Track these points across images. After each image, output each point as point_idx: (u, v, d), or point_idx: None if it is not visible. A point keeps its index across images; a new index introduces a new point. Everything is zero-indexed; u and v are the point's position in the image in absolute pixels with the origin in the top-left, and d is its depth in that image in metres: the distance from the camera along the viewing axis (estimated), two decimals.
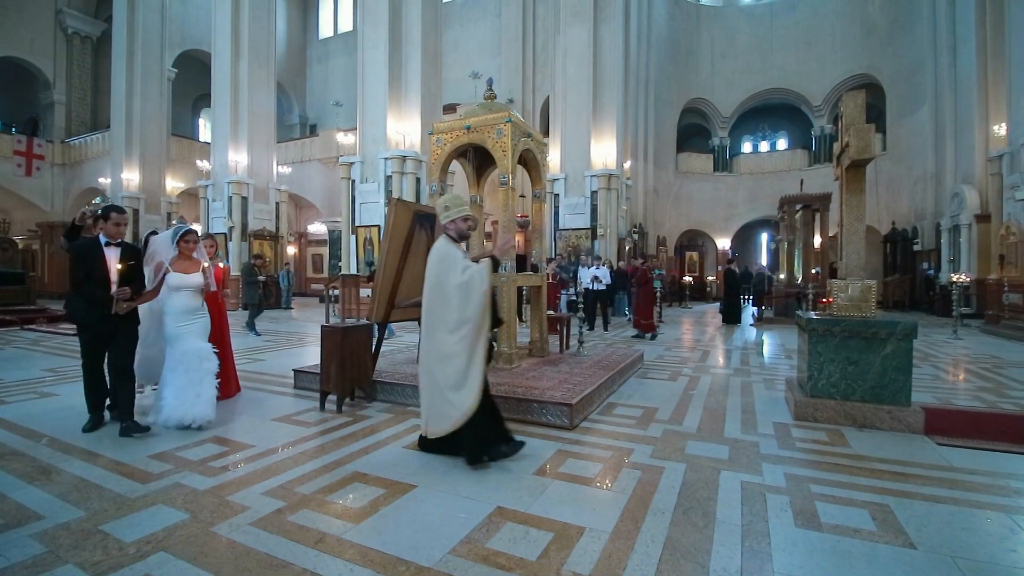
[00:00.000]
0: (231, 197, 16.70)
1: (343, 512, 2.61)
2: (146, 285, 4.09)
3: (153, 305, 4.28)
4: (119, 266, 3.84)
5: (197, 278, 4.20)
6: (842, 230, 4.56)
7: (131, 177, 19.92)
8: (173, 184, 21.57)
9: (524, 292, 9.21)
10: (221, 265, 5.81)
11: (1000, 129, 12.88)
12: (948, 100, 15.44)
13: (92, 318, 3.82)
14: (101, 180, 21.08)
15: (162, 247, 4.20)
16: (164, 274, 4.08)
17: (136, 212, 19.91)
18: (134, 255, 4.00)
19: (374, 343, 5.05)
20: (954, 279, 11.02)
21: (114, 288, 3.79)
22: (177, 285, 4.12)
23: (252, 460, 3.31)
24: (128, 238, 4.13)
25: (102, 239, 3.90)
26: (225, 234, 16.76)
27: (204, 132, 27.45)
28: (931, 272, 15.78)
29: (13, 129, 22.92)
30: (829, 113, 21.77)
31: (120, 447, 3.57)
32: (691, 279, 21.09)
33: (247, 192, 16.97)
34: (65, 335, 9.46)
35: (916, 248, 17.30)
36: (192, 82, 24.61)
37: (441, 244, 3.65)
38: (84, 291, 3.80)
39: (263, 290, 10.90)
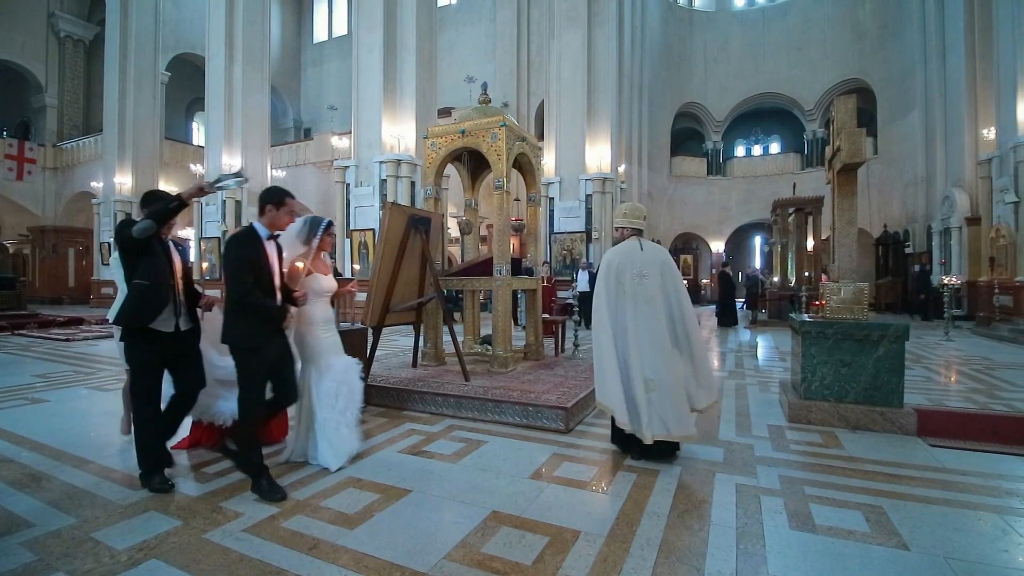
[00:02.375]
0: (225, 201, 16.61)
1: (337, 518, 2.60)
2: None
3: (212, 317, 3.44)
4: (286, 268, 3.18)
5: (332, 281, 3.55)
6: (834, 233, 4.59)
7: (124, 181, 19.79)
8: (166, 188, 21.44)
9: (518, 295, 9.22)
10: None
11: (989, 133, 13.02)
12: (938, 104, 15.62)
13: (262, 336, 2.95)
14: (93, 184, 20.92)
15: (293, 243, 3.37)
16: (306, 277, 3.35)
17: (129, 216, 19.77)
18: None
19: (369, 347, 5.03)
20: (945, 281, 11.11)
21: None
22: (321, 290, 3.41)
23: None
24: None
25: (262, 231, 3.01)
26: (219, 238, 16.69)
27: (198, 136, 27.35)
28: (927, 268, 15.90)
29: (4, 133, 22.72)
30: (821, 117, 21.96)
31: (112, 454, 3.54)
32: (686, 282, 21.12)
33: (241, 196, 16.89)
34: (55, 340, 9.38)
35: (908, 251, 17.45)
36: (186, 86, 24.51)
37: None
38: (253, 301, 2.87)
39: None
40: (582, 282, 11.59)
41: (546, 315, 7.61)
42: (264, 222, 3.03)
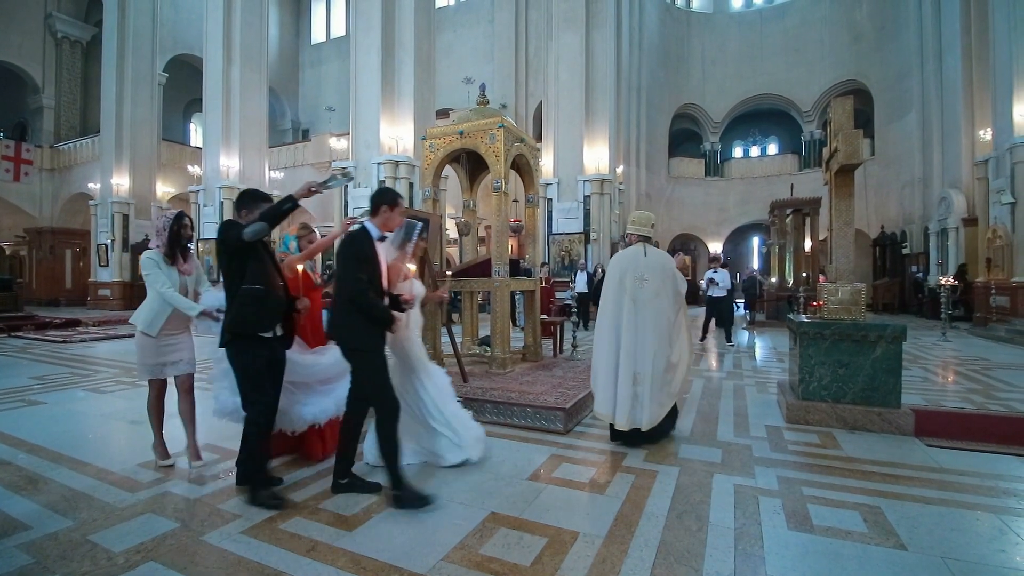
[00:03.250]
0: (223, 202, 16.59)
1: (335, 519, 2.59)
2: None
3: None
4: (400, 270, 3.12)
5: (422, 286, 3.47)
6: (832, 234, 4.60)
7: (121, 182, 19.74)
8: (164, 189, 21.40)
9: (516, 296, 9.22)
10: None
11: (986, 134, 13.07)
12: (935, 106, 15.68)
13: (379, 336, 2.88)
14: (91, 185, 20.87)
15: (387, 247, 3.17)
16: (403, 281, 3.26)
17: (126, 217, 19.74)
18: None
19: None
20: (942, 282, 11.15)
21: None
22: (418, 295, 3.31)
23: None
24: (119, 243, 3.91)
25: (374, 232, 2.92)
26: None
27: (195, 137, 27.31)
28: (920, 275, 15.96)
29: (1, 134, 22.65)
30: (818, 119, 22.02)
31: (109, 456, 3.53)
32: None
33: None
34: (52, 342, 9.35)
35: (905, 251, 17.50)
36: (183, 87, 24.48)
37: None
38: (366, 301, 2.78)
39: None
40: (580, 283, 11.60)
41: (544, 316, 7.62)
42: (377, 223, 2.95)
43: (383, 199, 2.99)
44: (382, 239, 2.96)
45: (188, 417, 3.41)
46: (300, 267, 3.46)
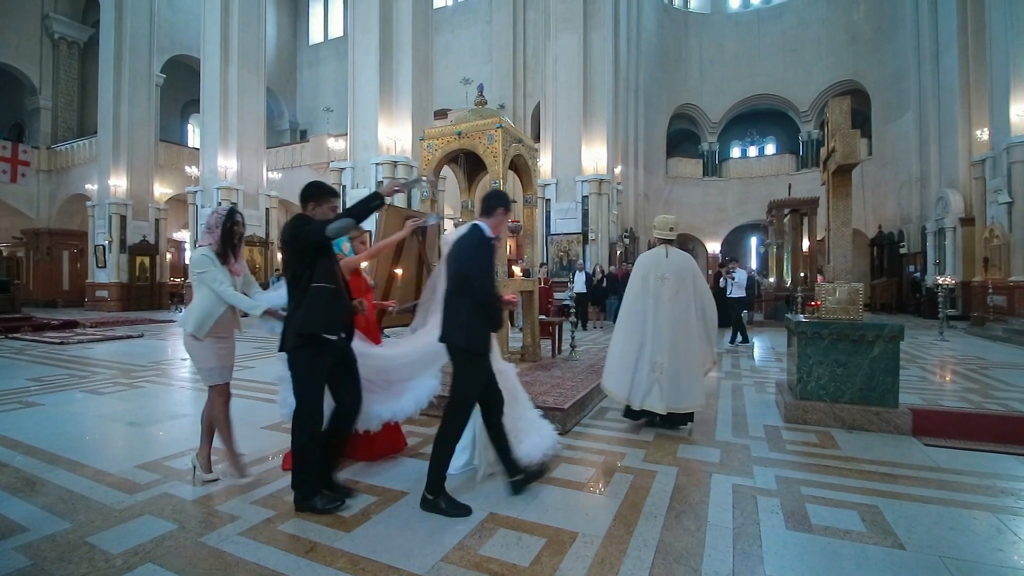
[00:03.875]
0: (221, 203, 16.57)
1: (334, 520, 2.59)
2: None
3: None
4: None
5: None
6: (829, 234, 4.61)
7: (118, 183, 19.70)
8: (161, 190, 21.36)
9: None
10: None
11: (983, 134, 13.11)
12: (932, 106, 15.71)
13: (490, 342, 2.88)
14: (88, 186, 20.83)
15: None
16: None
17: (123, 219, 19.70)
18: None
19: None
20: (940, 282, 11.17)
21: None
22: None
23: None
24: (116, 244, 3.85)
25: (488, 233, 2.88)
26: None
27: (193, 138, 27.26)
28: (917, 275, 16.00)
29: None
30: (816, 119, 22.05)
31: (107, 458, 3.52)
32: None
33: (237, 198, 16.85)
34: (50, 343, 9.32)
35: (902, 251, 17.54)
36: (181, 88, 24.43)
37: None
38: (495, 304, 2.80)
39: None
40: (579, 283, 11.60)
41: (543, 316, 7.62)
42: (490, 224, 2.91)
43: (500, 202, 2.97)
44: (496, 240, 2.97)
45: (228, 428, 3.19)
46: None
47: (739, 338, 9.26)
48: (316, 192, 2.79)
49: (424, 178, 2.98)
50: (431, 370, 3.29)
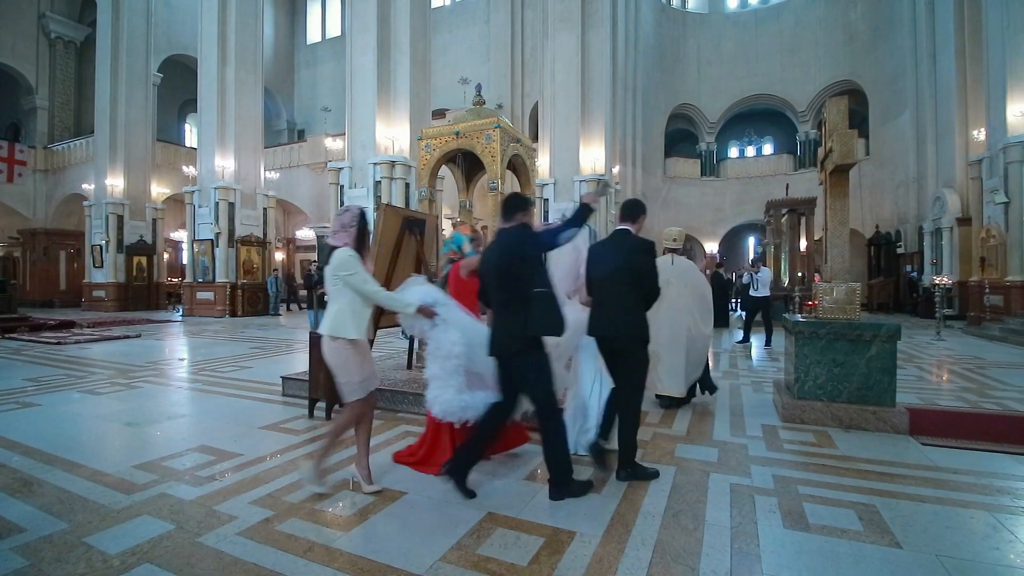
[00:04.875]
0: (218, 203, 16.52)
1: (332, 520, 2.59)
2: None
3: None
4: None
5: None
6: (827, 233, 4.62)
7: (115, 183, 19.64)
8: (158, 190, 21.30)
9: None
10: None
11: (979, 134, 13.15)
12: (929, 106, 15.77)
13: None
14: (85, 186, 20.75)
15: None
16: None
17: (120, 219, 19.65)
18: None
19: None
20: (937, 281, 11.20)
21: None
22: None
23: (239, 469, 3.28)
24: (113, 244, 3.84)
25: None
26: (212, 240, 16.60)
27: (190, 137, 27.20)
28: (914, 275, 16.05)
29: None
30: (813, 118, 22.10)
31: (104, 458, 3.51)
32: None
33: (234, 198, 16.81)
34: (46, 344, 9.30)
35: (899, 251, 17.59)
36: (178, 87, 24.36)
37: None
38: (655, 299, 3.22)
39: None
40: None
41: None
42: (635, 229, 3.26)
43: (641, 210, 3.32)
44: None
45: (368, 437, 3.05)
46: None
47: (760, 339, 9.37)
48: (524, 203, 3.00)
49: (606, 180, 3.27)
50: (560, 364, 3.54)
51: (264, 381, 6.07)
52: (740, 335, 9.69)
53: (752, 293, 9.53)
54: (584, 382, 3.67)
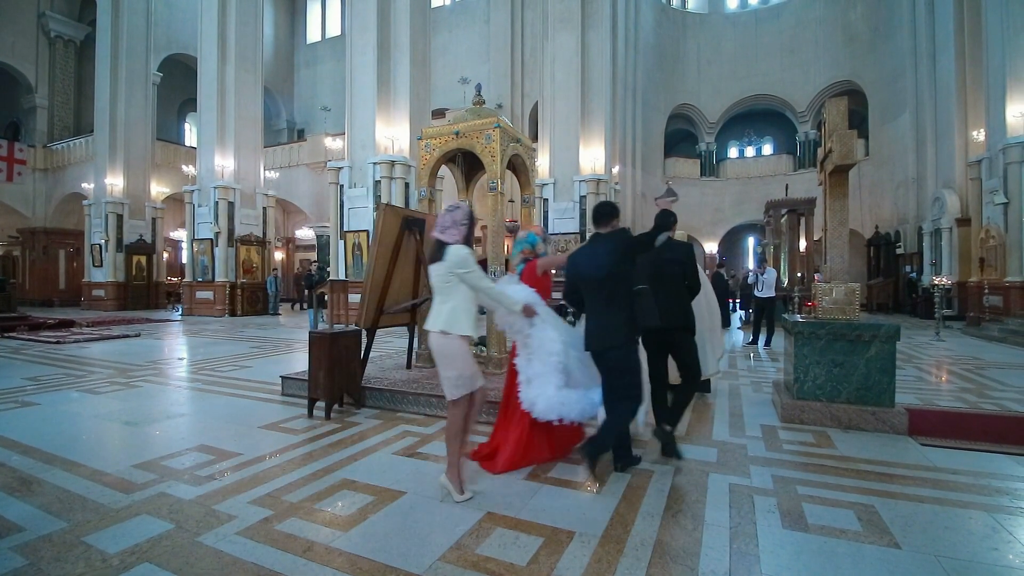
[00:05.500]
0: (217, 202, 16.52)
1: (332, 520, 2.59)
2: None
3: None
4: None
5: None
6: (826, 234, 4.62)
7: (115, 182, 19.63)
8: (158, 189, 21.29)
9: None
10: None
11: (979, 135, 13.16)
12: (928, 106, 15.77)
13: None
14: (84, 185, 20.74)
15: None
16: None
17: (120, 218, 19.64)
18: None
19: (363, 349, 5.02)
20: (936, 282, 11.21)
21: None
22: None
23: (239, 468, 3.28)
24: (112, 243, 3.87)
25: None
26: (211, 240, 16.60)
27: (190, 137, 27.17)
28: (913, 275, 16.05)
29: None
30: (813, 119, 22.10)
31: (103, 456, 3.51)
32: None
33: (234, 197, 16.81)
34: (46, 343, 9.29)
35: (899, 251, 17.59)
36: (178, 86, 24.36)
37: None
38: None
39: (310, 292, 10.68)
40: None
41: None
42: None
43: (675, 219, 3.50)
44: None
45: (467, 437, 3.02)
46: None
47: (763, 339, 9.33)
48: (616, 211, 3.30)
49: (671, 186, 3.52)
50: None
51: (263, 381, 6.07)
52: (741, 336, 9.69)
53: (757, 294, 9.53)
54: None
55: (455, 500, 2.78)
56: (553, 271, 3.90)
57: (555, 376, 3.19)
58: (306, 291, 11.21)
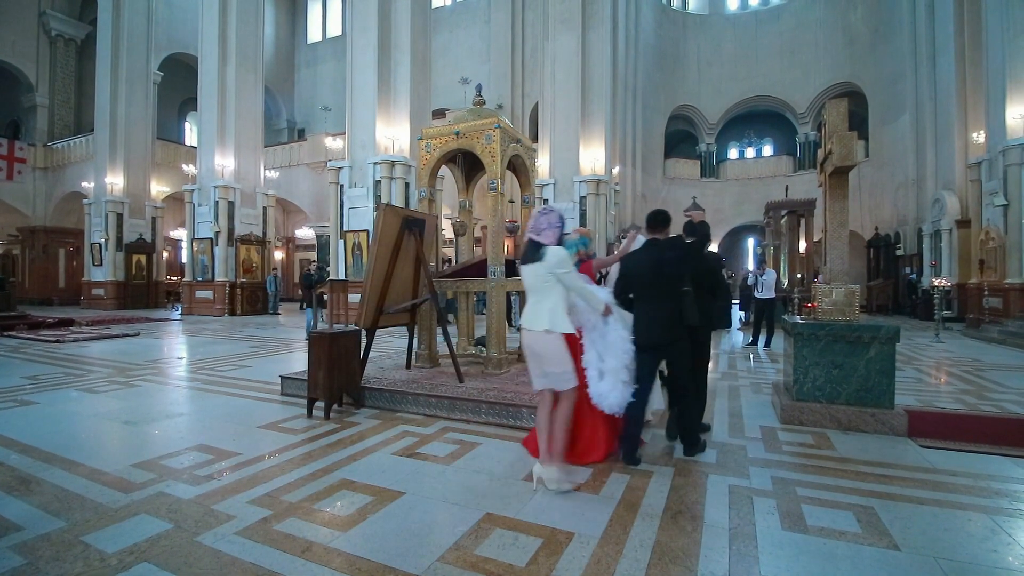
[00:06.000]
0: (217, 202, 16.53)
1: (330, 520, 2.59)
2: None
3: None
4: None
5: None
6: (826, 235, 4.62)
7: (115, 181, 19.63)
8: (158, 189, 21.30)
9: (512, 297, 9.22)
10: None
11: (979, 136, 13.17)
12: (928, 108, 15.78)
13: None
14: (84, 184, 20.75)
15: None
16: None
17: (120, 217, 19.64)
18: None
19: (362, 349, 5.02)
20: (936, 283, 11.21)
21: None
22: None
23: (238, 468, 3.27)
24: (112, 242, 3.90)
25: None
26: (211, 239, 16.59)
27: (190, 136, 27.19)
28: (913, 277, 16.06)
29: None
30: (813, 120, 22.13)
31: (101, 456, 3.51)
32: None
33: (234, 197, 16.82)
34: (45, 342, 9.29)
35: (899, 253, 17.60)
36: (178, 86, 24.36)
37: None
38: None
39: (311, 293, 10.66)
40: None
41: None
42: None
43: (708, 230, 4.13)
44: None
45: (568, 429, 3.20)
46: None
47: (762, 340, 9.31)
48: (669, 218, 3.62)
49: (697, 201, 3.84)
50: None
51: (263, 380, 6.07)
52: (741, 336, 9.68)
53: (757, 295, 9.52)
54: None
55: (560, 489, 2.89)
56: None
57: (624, 373, 3.35)
58: (304, 290, 11.19)
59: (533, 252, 3.02)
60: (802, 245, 13.93)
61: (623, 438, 3.38)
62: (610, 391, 3.32)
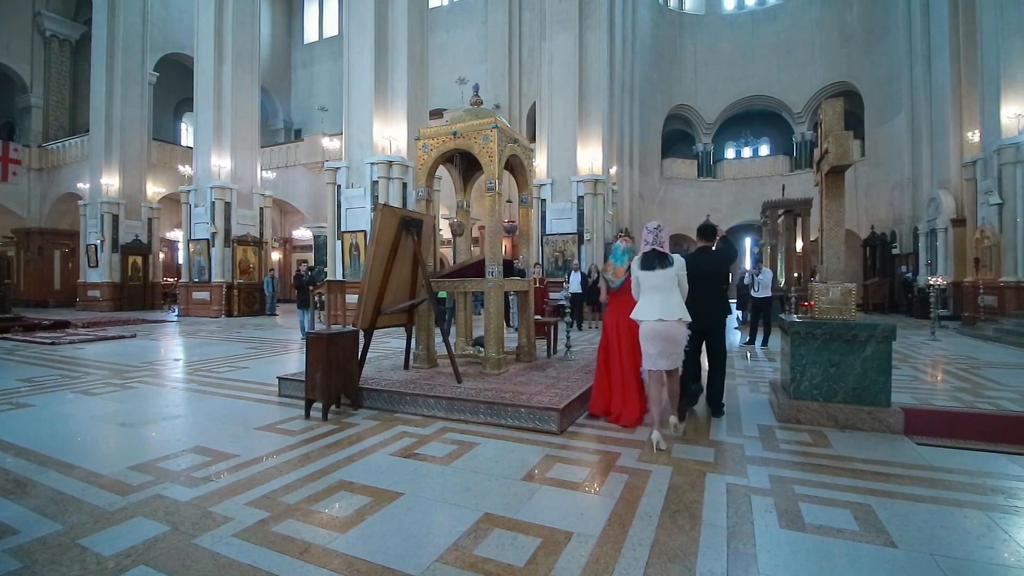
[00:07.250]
0: (214, 203, 16.48)
1: (329, 521, 2.58)
2: None
3: None
4: None
5: None
6: (822, 234, 4.64)
7: (111, 182, 19.56)
8: (154, 190, 21.23)
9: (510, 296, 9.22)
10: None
11: (974, 136, 13.23)
12: (924, 107, 15.85)
13: None
14: (80, 185, 20.67)
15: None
16: None
17: (116, 218, 19.57)
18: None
19: (360, 349, 5.01)
20: (931, 282, 11.26)
21: None
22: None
23: (235, 470, 3.26)
24: (108, 244, 3.90)
25: None
26: (208, 240, 16.54)
27: (186, 137, 27.12)
28: (909, 275, 16.12)
29: None
30: (809, 120, 22.21)
31: (98, 458, 3.50)
32: None
33: (230, 197, 16.77)
34: (40, 344, 9.24)
35: (895, 252, 17.67)
36: (174, 86, 24.31)
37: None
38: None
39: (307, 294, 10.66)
40: (574, 283, 11.61)
41: (538, 316, 7.62)
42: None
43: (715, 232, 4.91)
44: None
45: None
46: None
47: (759, 339, 9.31)
48: (716, 230, 4.77)
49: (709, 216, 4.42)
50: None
51: (260, 381, 6.05)
52: (738, 335, 9.69)
53: (754, 294, 9.54)
54: None
55: (663, 447, 3.60)
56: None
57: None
58: (296, 291, 11.17)
59: (661, 260, 3.84)
60: (799, 244, 13.97)
61: (682, 397, 4.24)
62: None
